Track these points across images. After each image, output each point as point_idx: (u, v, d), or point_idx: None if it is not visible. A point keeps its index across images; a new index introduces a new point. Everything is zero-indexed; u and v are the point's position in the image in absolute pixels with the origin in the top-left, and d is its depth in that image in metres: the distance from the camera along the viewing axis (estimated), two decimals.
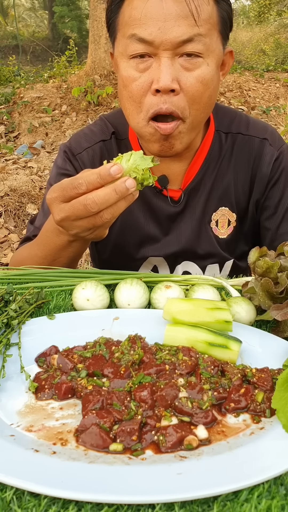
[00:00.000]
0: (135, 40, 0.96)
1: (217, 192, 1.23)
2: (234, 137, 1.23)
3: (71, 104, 7.26)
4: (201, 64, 0.98)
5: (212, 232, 1.25)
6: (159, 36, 0.94)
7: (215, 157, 1.22)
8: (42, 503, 0.53)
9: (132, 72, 0.99)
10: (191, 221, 1.24)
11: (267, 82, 9.14)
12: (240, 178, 1.23)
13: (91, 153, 1.24)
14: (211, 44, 0.98)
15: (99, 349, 0.78)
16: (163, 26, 0.93)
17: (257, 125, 1.26)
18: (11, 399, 0.70)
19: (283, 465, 0.56)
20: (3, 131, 6.85)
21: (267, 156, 1.22)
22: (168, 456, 0.60)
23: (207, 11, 0.96)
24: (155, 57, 0.97)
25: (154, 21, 0.94)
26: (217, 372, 0.73)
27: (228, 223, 1.25)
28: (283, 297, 0.85)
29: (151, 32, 0.94)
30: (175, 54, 0.96)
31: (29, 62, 14.62)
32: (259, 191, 1.23)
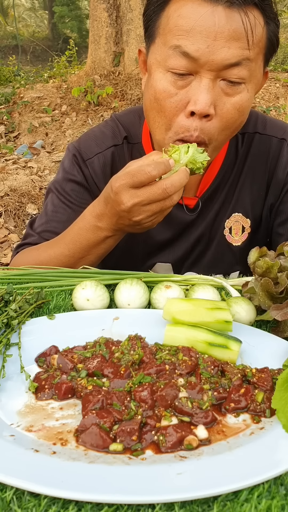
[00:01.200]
0: (178, 53, 0.89)
1: (230, 197, 1.18)
2: (250, 136, 1.17)
3: (71, 104, 7.25)
4: (242, 90, 0.92)
5: (226, 240, 1.20)
6: (206, 54, 0.86)
7: (231, 163, 1.16)
8: (42, 503, 0.53)
9: (169, 87, 0.92)
10: (203, 228, 1.19)
11: (267, 82, 9.13)
12: (255, 182, 1.17)
13: (102, 159, 1.17)
14: (256, 69, 0.92)
15: (99, 349, 0.78)
16: (212, 44, 0.85)
17: (276, 124, 1.19)
18: (11, 399, 0.70)
19: (283, 465, 0.56)
20: (3, 131, 6.85)
21: (285, 158, 1.15)
22: (168, 456, 0.60)
23: (259, 33, 0.88)
24: (196, 75, 0.89)
25: (204, 37, 0.86)
26: (217, 372, 0.73)
27: (243, 229, 1.19)
28: (283, 297, 0.85)
29: (198, 49, 0.86)
30: (218, 76, 0.89)
31: (29, 62, 14.62)
32: (274, 195, 1.17)
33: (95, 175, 1.18)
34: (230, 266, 1.23)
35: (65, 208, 1.20)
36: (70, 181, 1.19)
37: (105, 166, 1.17)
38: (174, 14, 0.89)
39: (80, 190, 1.19)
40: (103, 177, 1.17)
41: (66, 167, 1.20)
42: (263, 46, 0.92)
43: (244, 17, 0.85)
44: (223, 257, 1.22)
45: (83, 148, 1.19)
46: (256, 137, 1.16)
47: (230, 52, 0.86)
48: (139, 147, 1.17)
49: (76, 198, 1.19)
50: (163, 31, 0.92)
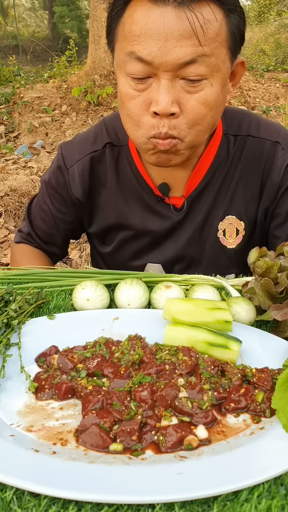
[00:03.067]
0: (133, 59, 0.89)
1: (223, 200, 1.17)
2: (243, 139, 1.16)
3: (71, 104, 7.25)
4: (205, 86, 0.91)
5: (220, 242, 1.19)
6: (159, 56, 0.86)
7: (222, 163, 1.15)
8: (42, 503, 0.53)
9: (130, 91, 0.93)
10: (192, 229, 1.18)
11: (267, 82, 9.14)
12: (249, 185, 1.16)
13: (81, 166, 1.19)
14: (217, 64, 0.91)
15: (99, 349, 0.78)
16: (163, 46, 0.86)
17: (269, 127, 1.18)
18: (11, 399, 0.70)
19: (283, 465, 0.56)
20: (3, 131, 6.85)
21: (279, 162, 1.14)
22: (168, 456, 0.60)
23: (214, 28, 0.87)
24: (155, 77, 0.90)
25: (155, 40, 0.86)
26: (217, 372, 0.73)
27: (237, 232, 1.19)
28: (283, 297, 0.86)
29: (150, 52, 0.87)
30: (176, 75, 0.89)
31: (29, 62, 14.62)
32: (268, 199, 1.16)
33: (73, 183, 1.21)
34: (225, 269, 1.22)
35: (46, 211, 1.29)
36: (51, 186, 1.26)
37: (83, 172, 1.20)
38: (128, 20, 0.90)
39: (57, 197, 1.26)
40: (81, 185, 1.21)
41: (52, 170, 1.26)
42: (224, 39, 0.90)
43: (191, 15, 0.85)
44: (217, 259, 1.21)
45: (66, 154, 1.23)
46: (249, 140, 1.16)
47: (182, 50, 0.86)
48: (126, 149, 1.19)
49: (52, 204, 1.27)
50: (120, 38, 0.94)
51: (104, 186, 1.21)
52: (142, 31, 0.87)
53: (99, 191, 1.22)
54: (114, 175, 1.19)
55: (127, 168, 1.17)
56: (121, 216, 1.21)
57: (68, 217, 1.27)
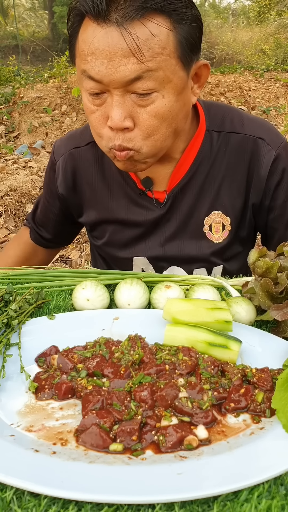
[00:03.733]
0: (86, 77, 0.93)
1: (208, 195, 1.18)
2: (227, 136, 1.16)
3: (71, 104, 7.25)
4: (155, 98, 0.93)
5: (206, 237, 1.21)
6: (106, 75, 0.89)
7: (205, 159, 1.17)
8: (42, 503, 0.53)
9: (89, 105, 0.98)
10: (177, 224, 1.20)
11: (267, 82, 9.14)
12: (234, 180, 1.18)
13: (64, 160, 1.25)
14: (166, 76, 0.92)
15: (99, 349, 0.78)
16: (109, 65, 0.88)
17: (253, 122, 1.19)
18: (11, 399, 0.70)
19: (283, 465, 0.56)
20: (3, 131, 6.85)
21: (265, 158, 1.15)
22: (168, 456, 0.60)
23: (157, 44, 0.88)
24: (108, 93, 0.93)
25: (101, 59, 0.89)
26: (217, 372, 0.73)
27: (223, 227, 1.21)
28: (283, 297, 0.86)
29: (98, 72, 0.90)
30: (127, 91, 0.92)
31: (29, 62, 14.61)
32: (256, 195, 1.18)
33: (58, 176, 1.27)
34: (212, 262, 1.25)
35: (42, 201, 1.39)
36: (45, 179, 1.34)
37: (66, 166, 1.25)
38: (80, 39, 0.93)
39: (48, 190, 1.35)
40: (63, 178, 1.26)
41: (48, 163, 1.33)
42: (172, 51, 0.91)
43: (130, 35, 0.87)
44: (203, 254, 1.23)
45: (56, 148, 1.29)
46: (233, 136, 1.17)
47: (127, 69, 0.88)
48: None
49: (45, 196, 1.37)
50: (76, 55, 0.97)
51: (88, 182, 1.24)
52: (90, 50, 0.90)
53: (83, 186, 1.26)
54: (98, 171, 1.23)
55: (111, 163, 1.20)
56: (108, 210, 1.24)
57: (54, 209, 1.35)
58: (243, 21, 19.79)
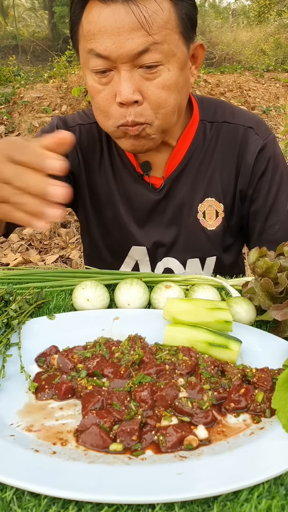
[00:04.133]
0: (93, 56, 0.96)
1: (202, 182, 1.22)
2: (219, 126, 1.22)
3: (71, 104, 7.25)
4: (162, 71, 0.97)
5: (200, 224, 1.24)
6: (114, 50, 0.93)
7: (199, 147, 1.21)
8: (42, 503, 0.53)
9: (96, 85, 1.01)
10: (173, 210, 1.23)
11: (267, 82, 9.14)
12: (225, 168, 1.22)
13: (83, 129, 1.25)
14: (171, 49, 0.97)
15: (99, 349, 0.78)
16: (117, 40, 0.93)
17: (243, 114, 1.25)
18: (11, 399, 0.70)
19: (283, 465, 0.56)
20: (3, 131, 6.85)
21: (252, 146, 1.20)
22: (168, 456, 0.60)
23: (161, 18, 0.94)
24: (115, 70, 0.97)
25: (108, 35, 0.93)
26: (217, 372, 0.73)
27: (216, 214, 1.24)
28: (283, 297, 0.86)
29: (106, 47, 0.94)
30: (134, 65, 0.96)
31: (29, 62, 14.61)
32: (243, 182, 1.22)
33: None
34: (206, 251, 1.27)
35: None
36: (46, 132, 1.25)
37: (83, 138, 1.26)
38: (85, 21, 0.97)
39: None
40: (78, 147, 1.25)
41: (50, 123, 1.29)
42: (175, 26, 0.96)
43: (137, 9, 0.91)
44: (198, 241, 1.26)
45: (68, 119, 1.29)
46: (225, 125, 1.22)
47: (134, 42, 0.93)
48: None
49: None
50: (81, 38, 1.00)
51: (100, 159, 1.25)
52: (96, 29, 0.94)
53: (94, 162, 1.26)
54: (107, 150, 1.24)
55: (114, 146, 1.23)
56: (111, 190, 1.25)
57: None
58: (243, 21, 19.79)
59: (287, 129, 5.33)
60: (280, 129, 6.56)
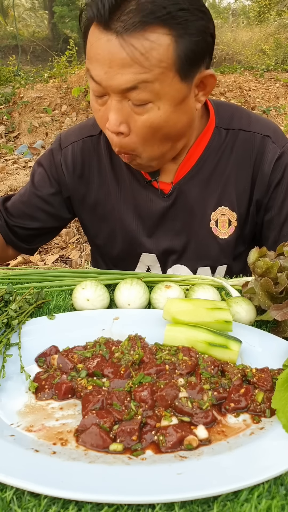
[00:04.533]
0: (89, 76, 0.96)
1: (215, 190, 1.20)
2: (235, 133, 1.19)
3: (71, 104, 7.25)
4: (150, 109, 0.94)
5: (212, 232, 1.22)
6: (104, 80, 0.92)
7: (212, 154, 1.19)
8: (42, 503, 0.53)
9: (94, 104, 1.00)
10: (183, 217, 1.21)
11: (267, 82, 9.14)
12: (241, 176, 1.20)
13: (75, 147, 1.24)
14: (162, 88, 0.92)
15: (99, 349, 0.78)
16: (108, 71, 0.90)
17: (260, 121, 1.22)
18: (11, 399, 0.70)
19: (283, 465, 0.56)
20: (3, 131, 6.85)
21: (269, 155, 1.18)
22: (168, 456, 0.60)
23: (156, 56, 0.88)
24: (108, 96, 0.95)
25: (101, 64, 0.91)
26: (217, 372, 0.73)
27: (229, 223, 1.22)
28: (283, 297, 0.86)
29: (98, 75, 0.92)
30: (124, 98, 0.93)
31: (29, 62, 14.61)
32: (260, 191, 1.20)
33: (65, 163, 1.25)
34: (217, 259, 1.25)
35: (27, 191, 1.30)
36: (41, 166, 1.29)
37: (76, 155, 1.24)
38: (88, 41, 0.95)
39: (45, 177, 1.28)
40: (72, 166, 1.24)
41: (45, 153, 1.31)
42: (171, 64, 0.90)
43: (131, 45, 0.86)
44: (209, 250, 1.24)
45: (63, 138, 1.28)
46: (241, 133, 1.19)
47: (123, 78, 0.90)
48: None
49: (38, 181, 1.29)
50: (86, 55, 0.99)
51: (99, 172, 1.24)
52: (92, 53, 0.92)
53: (92, 176, 1.24)
54: (108, 161, 1.22)
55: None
56: (115, 200, 1.24)
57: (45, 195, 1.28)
58: (243, 21, 19.79)
59: (287, 129, 5.33)
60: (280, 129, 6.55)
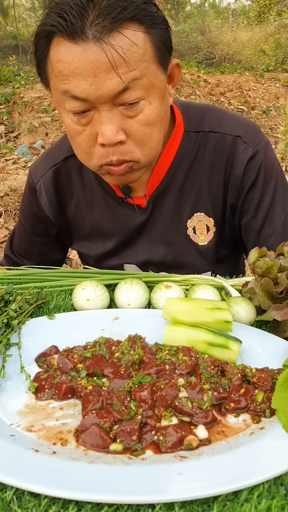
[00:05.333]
0: (69, 97, 0.90)
1: (189, 197, 1.16)
2: (205, 136, 1.14)
3: None
4: (143, 106, 0.92)
5: (190, 240, 1.19)
6: (92, 92, 0.87)
7: (183, 161, 1.14)
8: (42, 503, 0.53)
9: (75, 126, 0.94)
10: (161, 228, 1.18)
11: (267, 82, 9.15)
12: (213, 181, 1.15)
13: (45, 181, 1.22)
14: (150, 82, 0.91)
15: (99, 349, 0.78)
16: (94, 82, 0.86)
17: (231, 121, 1.15)
18: (11, 399, 0.70)
19: (283, 465, 0.56)
20: (3, 131, 6.85)
21: (241, 156, 1.12)
22: (168, 456, 0.60)
23: (139, 50, 0.87)
24: (94, 110, 0.91)
25: (84, 77, 0.86)
26: (217, 372, 0.73)
27: (207, 229, 1.18)
28: (283, 297, 0.86)
29: (83, 90, 0.87)
30: (114, 104, 0.90)
31: (29, 62, 14.61)
32: (233, 195, 1.15)
33: (41, 198, 1.24)
34: (200, 267, 1.21)
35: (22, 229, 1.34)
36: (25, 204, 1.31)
37: (48, 186, 1.22)
38: (54, 60, 0.89)
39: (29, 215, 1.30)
40: (48, 198, 1.23)
41: (25, 189, 1.30)
42: (151, 56, 0.90)
43: (110, 47, 0.84)
44: (190, 257, 1.20)
45: (33, 172, 1.26)
46: (211, 136, 1.14)
47: (113, 82, 0.87)
48: None
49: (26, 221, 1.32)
50: (51, 76, 0.93)
51: (71, 196, 1.23)
52: (69, 70, 0.87)
53: (67, 202, 1.24)
54: (79, 183, 1.21)
55: (90, 173, 1.18)
56: (91, 222, 1.23)
57: (40, 232, 1.30)
58: (243, 21, 19.79)
59: (287, 129, 5.33)
60: (280, 129, 6.57)
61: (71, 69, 0.86)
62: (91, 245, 1.27)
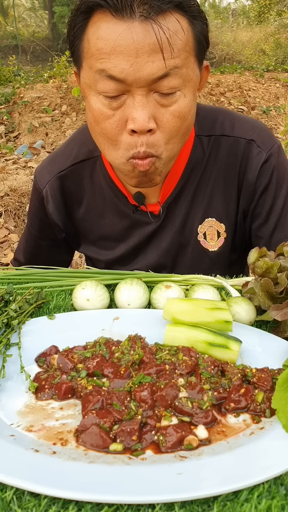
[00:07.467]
0: (104, 77, 0.86)
1: (201, 203, 1.15)
2: (218, 139, 1.12)
3: (71, 104, 7.25)
4: (178, 98, 0.89)
5: (201, 246, 1.18)
6: (131, 73, 0.83)
7: (196, 166, 1.12)
8: (42, 503, 0.53)
9: (105, 110, 0.90)
10: (172, 234, 1.17)
11: (267, 82, 9.15)
12: (227, 185, 1.13)
13: (51, 187, 1.20)
14: (188, 74, 0.89)
15: (99, 349, 0.78)
16: (135, 62, 0.82)
17: (244, 124, 1.13)
18: (11, 399, 0.70)
19: (283, 465, 0.56)
20: (3, 131, 6.85)
21: (254, 160, 1.10)
22: (168, 456, 0.60)
23: (182, 39, 0.85)
24: (128, 94, 0.87)
25: (126, 56, 0.82)
26: (217, 372, 0.73)
27: (218, 234, 1.17)
28: (283, 297, 0.86)
29: (122, 70, 0.83)
30: (150, 90, 0.86)
31: (29, 62, 14.61)
32: (246, 199, 1.14)
33: (48, 204, 1.22)
34: (208, 272, 1.19)
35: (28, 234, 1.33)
36: (31, 210, 1.28)
37: (55, 193, 1.20)
38: (93, 37, 0.86)
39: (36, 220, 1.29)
40: (55, 205, 1.21)
41: (31, 194, 1.28)
42: (192, 48, 0.89)
43: (159, 29, 0.81)
44: (199, 263, 1.19)
45: (38, 177, 1.23)
46: (224, 139, 1.12)
47: (155, 65, 0.83)
48: (99, 160, 1.16)
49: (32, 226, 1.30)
50: (87, 55, 0.89)
51: (80, 202, 1.21)
52: (110, 47, 0.83)
53: (76, 208, 1.22)
54: (89, 190, 1.19)
55: (101, 179, 1.16)
56: (101, 228, 1.21)
57: (47, 237, 1.29)
58: (243, 21, 19.78)
59: (287, 129, 5.33)
60: (280, 129, 6.57)
61: (112, 46, 0.83)
62: (99, 251, 1.26)
